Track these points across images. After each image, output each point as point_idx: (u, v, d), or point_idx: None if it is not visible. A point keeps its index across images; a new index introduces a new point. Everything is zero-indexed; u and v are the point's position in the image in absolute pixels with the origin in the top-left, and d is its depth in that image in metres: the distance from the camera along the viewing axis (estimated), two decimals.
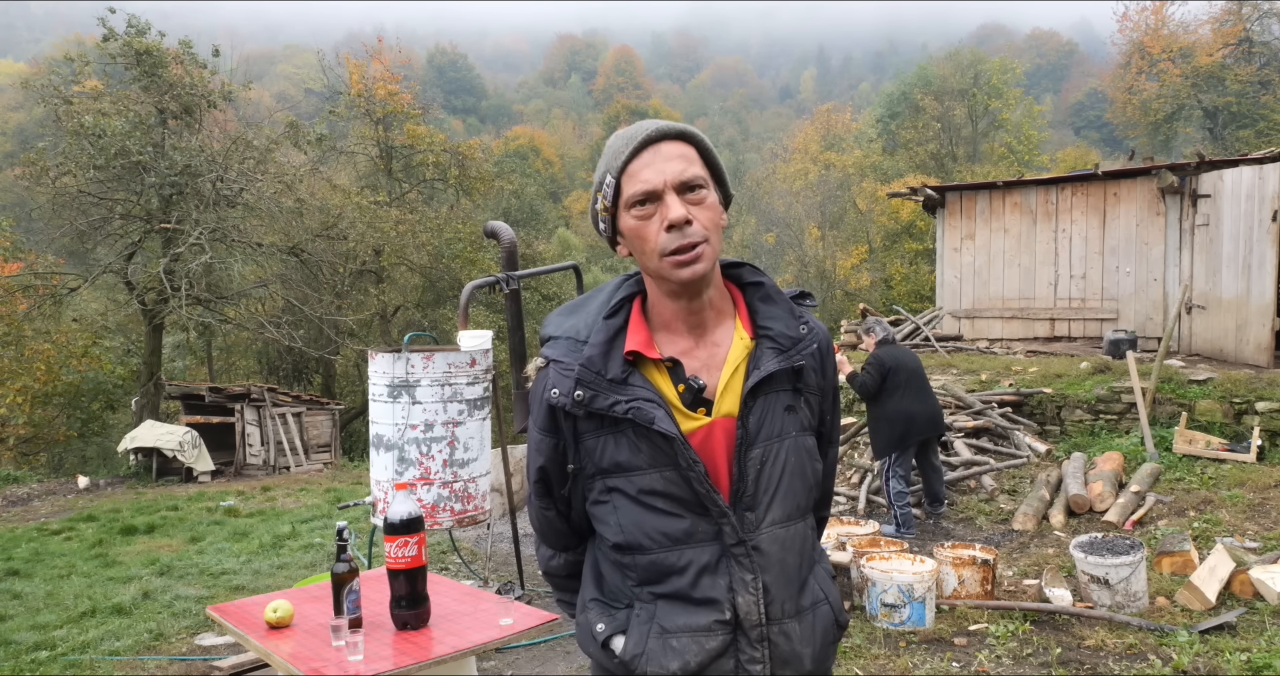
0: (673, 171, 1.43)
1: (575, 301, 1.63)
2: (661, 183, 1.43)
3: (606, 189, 1.47)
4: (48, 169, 14.87)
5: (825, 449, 1.68)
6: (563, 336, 1.55)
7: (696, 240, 1.42)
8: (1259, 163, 9.79)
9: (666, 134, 1.45)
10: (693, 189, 1.44)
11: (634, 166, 1.45)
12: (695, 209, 1.44)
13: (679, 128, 1.47)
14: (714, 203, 1.47)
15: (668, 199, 1.43)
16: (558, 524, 1.66)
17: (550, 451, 1.57)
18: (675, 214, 1.41)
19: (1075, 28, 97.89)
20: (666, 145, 1.45)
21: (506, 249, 6.38)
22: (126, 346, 18.61)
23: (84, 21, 28.90)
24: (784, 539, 1.50)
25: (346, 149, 21.66)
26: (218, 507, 9.64)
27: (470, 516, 4.73)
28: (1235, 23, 31.13)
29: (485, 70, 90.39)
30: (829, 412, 1.66)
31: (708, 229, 1.44)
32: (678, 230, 1.42)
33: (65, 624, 5.46)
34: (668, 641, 1.47)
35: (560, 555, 1.71)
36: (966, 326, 12.32)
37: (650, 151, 1.44)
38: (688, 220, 1.42)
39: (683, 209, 1.42)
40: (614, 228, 1.51)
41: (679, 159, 1.44)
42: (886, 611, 4.72)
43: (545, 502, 1.64)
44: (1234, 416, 7.76)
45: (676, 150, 1.45)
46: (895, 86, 41.82)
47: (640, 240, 1.46)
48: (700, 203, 1.45)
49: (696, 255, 1.42)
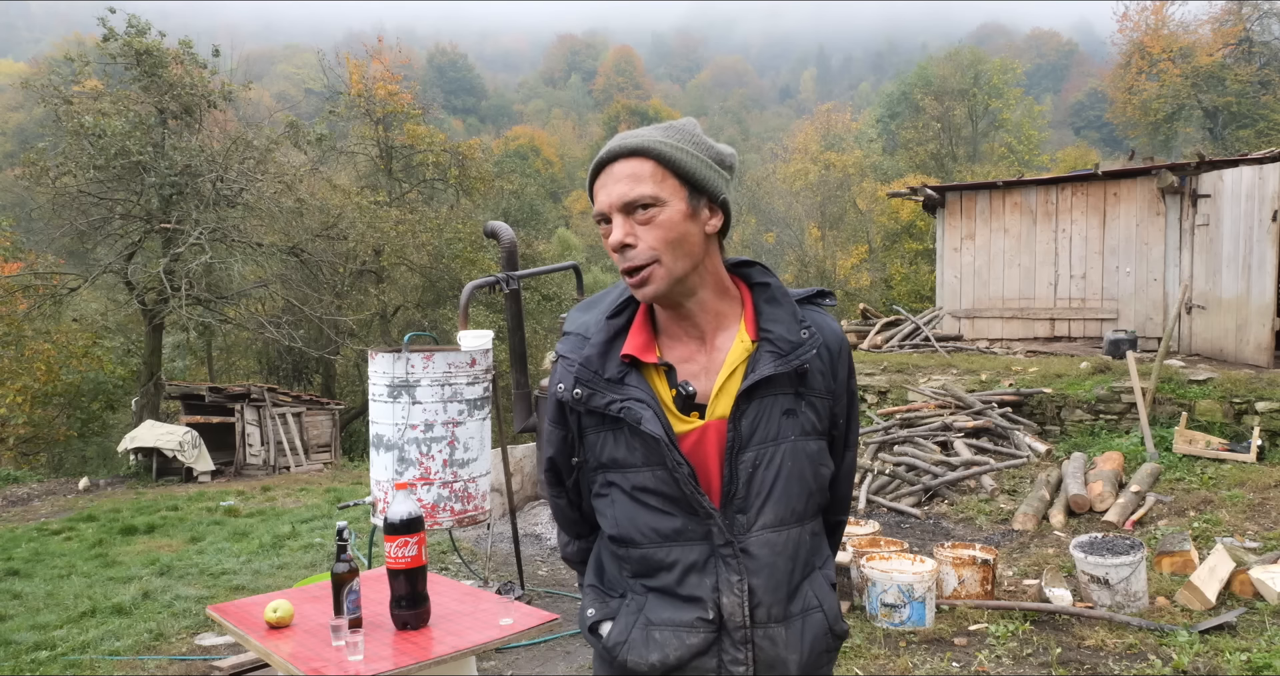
0: (616, 194, 1.44)
1: (594, 297, 1.65)
2: (607, 205, 1.45)
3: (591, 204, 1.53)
4: (48, 169, 14.87)
5: (841, 452, 1.66)
6: (574, 332, 1.58)
7: (639, 263, 1.44)
8: (1259, 163, 9.79)
9: (618, 154, 1.46)
10: (641, 208, 1.44)
11: (595, 188, 1.49)
12: (642, 229, 1.44)
13: (633, 144, 1.45)
14: (670, 218, 1.43)
15: (614, 221, 1.45)
16: (569, 512, 1.71)
17: (559, 443, 1.62)
18: (612, 238, 1.45)
19: (1075, 28, 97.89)
20: (618, 165, 1.46)
21: (506, 249, 6.38)
22: (126, 346, 18.60)
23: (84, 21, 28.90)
24: (776, 543, 1.50)
25: (346, 149, 21.68)
26: (218, 507, 9.63)
27: (470, 516, 4.73)
28: (1235, 23, 31.13)
29: (485, 70, 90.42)
30: (842, 416, 1.62)
31: (656, 248, 1.43)
32: (620, 253, 1.45)
33: (65, 624, 5.46)
34: (650, 633, 1.50)
35: (574, 542, 1.76)
36: (966, 326, 12.32)
37: (605, 173, 1.47)
38: (624, 244, 1.44)
39: (620, 233, 1.44)
40: None
41: (626, 179, 1.44)
42: (886, 611, 4.72)
43: (557, 491, 1.70)
44: (1234, 416, 7.76)
45: (627, 169, 1.44)
46: (895, 86, 41.87)
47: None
48: (648, 221, 1.44)
49: (642, 278, 1.45)
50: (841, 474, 1.67)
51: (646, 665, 1.49)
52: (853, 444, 1.69)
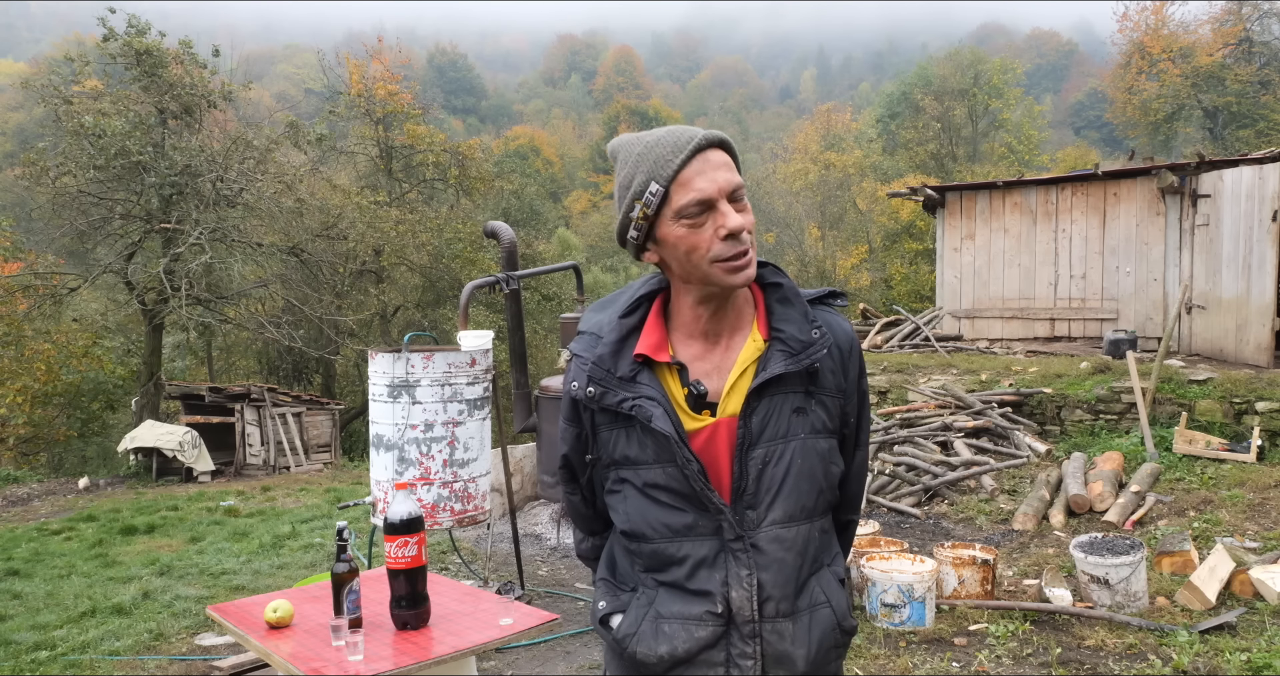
0: (724, 179, 1.45)
1: (608, 297, 1.67)
2: (716, 191, 1.45)
3: (651, 197, 1.46)
4: (48, 169, 14.86)
5: (852, 451, 1.67)
6: (588, 331, 1.61)
7: (748, 247, 1.47)
8: (1259, 163, 9.79)
9: (713, 142, 1.47)
10: (738, 197, 1.47)
11: (685, 174, 1.45)
12: (743, 216, 1.48)
13: (720, 136, 1.49)
14: (750, 207, 1.51)
15: (722, 207, 1.45)
16: (583, 509, 1.73)
17: (573, 441, 1.64)
18: (735, 223, 1.44)
19: (1075, 28, 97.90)
20: (714, 153, 1.47)
21: (506, 249, 6.39)
22: (126, 346, 18.59)
23: (84, 21, 28.89)
24: (785, 539, 1.51)
25: (346, 149, 21.67)
26: (218, 507, 9.63)
27: (470, 516, 4.73)
28: (1235, 23, 31.13)
29: (485, 70, 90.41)
30: (853, 414, 1.64)
31: (752, 232, 1.48)
32: (734, 238, 1.45)
33: (65, 624, 5.46)
34: (660, 626, 1.52)
35: (588, 539, 1.78)
36: (966, 326, 12.32)
37: (700, 159, 1.46)
38: (745, 229, 1.46)
39: (741, 218, 1.46)
40: (648, 235, 1.51)
41: (725, 167, 1.47)
42: (886, 611, 4.72)
43: (571, 488, 1.71)
44: (1234, 416, 7.76)
45: (722, 158, 1.47)
46: (895, 86, 41.85)
47: (689, 248, 1.46)
48: (745, 210, 1.48)
49: (749, 261, 1.47)
50: (852, 473, 1.68)
51: (655, 657, 1.52)
52: (864, 443, 1.70)
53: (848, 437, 1.65)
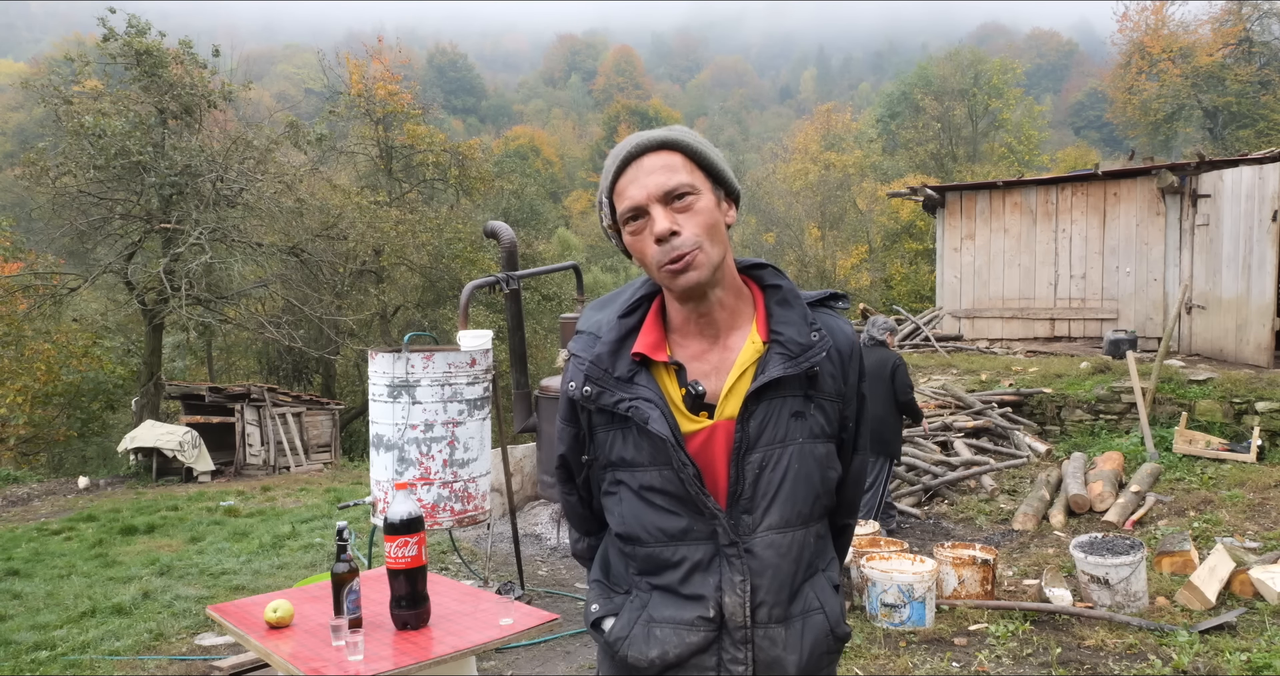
0: (654, 184, 1.45)
1: (607, 296, 1.66)
2: (645, 197, 1.45)
3: (604, 210, 1.52)
4: (48, 169, 14.85)
5: (850, 456, 1.65)
6: (586, 331, 1.60)
7: (685, 250, 1.44)
8: (1259, 163, 9.79)
9: (647, 147, 1.47)
10: (679, 197, 1.45)
11: (620, 184, 1.48)
12: (682, 217, 1.45)
13: (660, 138, 1.48)
14: (706, 206, 1.47)
15: (653, 212, 1.45)
16: (579, 509, 1.73)
17: (570, 441, 1.63)
18: (659, 227, 1.44)
19: (1075, 28, 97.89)
20: (649, 158, 1.47)
21: (506, 249, 6.39)
22: (126, 346, 18.60)
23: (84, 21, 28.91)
24: (780, 544, 1.50)
25: (346, 149, 21.66)
26: (218, 507, 9.63)
27: (470, 516, 4.73)
28: (1235, 23, 31.12)
29: (485, 70, 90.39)
30: (852, 419, 1.62)
31: (698, 234, 1.45)
32: (665, 243, 1.44)
33: (65, 624, 5.46)
34: (652, 630, 1.52)
35: (584, 539, 1.78)
36: (966, 326, 12.32)
37: (633, 168, 1.47)
38: (672, 232, 1.44)
39: (667, 221, 1.44)
40: (621, 243, 1.55)
41: (661, 170, 1.46)
42: (886, 611, 4.72)
43: (568, 488, 1.71)
44: (1234, 416, 7.76)
45: (659, 161, 1.46)
46: (895, 86, 41.87)
47: (639, 255, 1.50)
48: (688, 210, 1.45)
49: (687, 263, 1.44)
50: (850, 477, 1.67)
51: (646, 661, 1.51)
52: (862, 447, 1.68)
53: (846, 441, 1.63)
